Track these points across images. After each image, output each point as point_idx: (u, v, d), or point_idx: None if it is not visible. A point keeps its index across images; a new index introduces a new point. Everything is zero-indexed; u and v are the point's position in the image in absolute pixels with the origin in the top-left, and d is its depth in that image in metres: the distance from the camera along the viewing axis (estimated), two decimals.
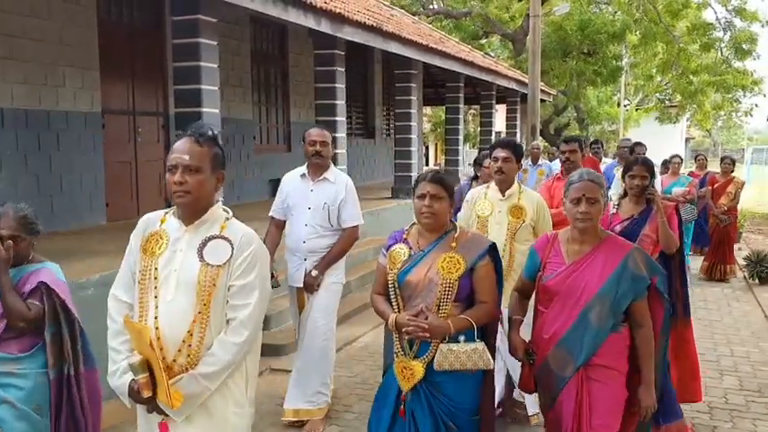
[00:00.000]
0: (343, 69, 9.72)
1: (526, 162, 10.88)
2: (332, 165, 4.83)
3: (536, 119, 13.27)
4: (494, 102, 16.99)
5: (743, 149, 52.76)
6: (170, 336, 2.38)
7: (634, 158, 4.50)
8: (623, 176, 4.43)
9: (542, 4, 16.17)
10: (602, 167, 9.32)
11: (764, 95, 26.10)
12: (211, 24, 7.05)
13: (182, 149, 2.47)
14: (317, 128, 4.80)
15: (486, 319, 3.02)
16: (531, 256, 3.24)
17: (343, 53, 9.62)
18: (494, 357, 3.05)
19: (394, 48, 10.65)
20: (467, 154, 22.10)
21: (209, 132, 2.53)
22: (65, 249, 6.06)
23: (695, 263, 10.16)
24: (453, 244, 2.99)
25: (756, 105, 39.50)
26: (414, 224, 3.16)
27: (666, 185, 9.57)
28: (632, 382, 3.07)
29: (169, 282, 2.42)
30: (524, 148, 11.90)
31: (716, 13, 23.36)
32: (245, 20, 10.58)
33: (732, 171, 10.31)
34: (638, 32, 21.97)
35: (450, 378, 2.93)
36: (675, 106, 29.75)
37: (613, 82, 24.61)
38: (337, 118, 9.63)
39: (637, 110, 32.04)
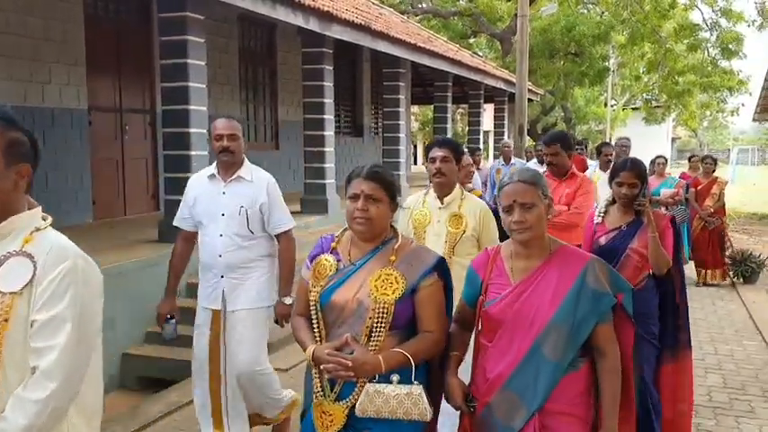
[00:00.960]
0: (332, 68, 9.72)
1: (498, 162, 10.67)
2: (246, 161, 4.05)
3: (523, 118, 13.31)
4: (482, 101, 17.05)
5: (728, 149, 53.21)
6: None
7: (622, 162, 3.85)
8: (610, 182, 3.86)
9: (530, 4, 16.22)
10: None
11: (750, 94, 26.36)
12: (199, 22, 7.03)
13: None
14: (224, 118, 3.98)
15: (429, 353, 2.43)
16: (470, 277, 2.59)
17: (331, 51, 9.62)
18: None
19: (382, 47, 10.66)
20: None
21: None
22: None
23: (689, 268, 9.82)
24: (392, 257, 2.42)
25: (743, 105, 39.94)
26: (346, 229, 2.56)
27: (654, 187, 9.31)
28: None
29: None
30: (512, 147, 11.94)
31: (702, 13, 23.53)
32: (234, 17, 10.55)
33: (714, 171, 9.87)
34: (625, 33, 22.10)
35: (381, 427, 2.34)
36: (661, 106, 29.95)
37: (600, 82, 24.73)
38: (325, 116, 9.63)
39: (624, 109, 32.22)
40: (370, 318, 2.34)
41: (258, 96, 11.92)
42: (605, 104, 30.40)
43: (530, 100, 17.05)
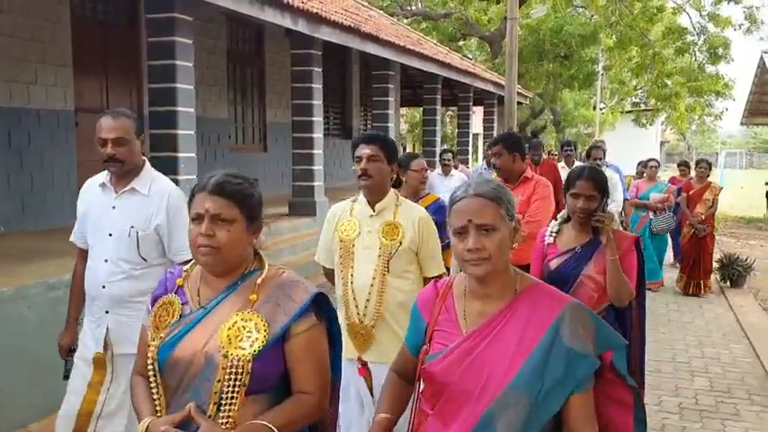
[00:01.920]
0: (320, 69, 9.70)
1: (482, 166, 10.22)
2: (148, 167, 3.26)
3: (513, 121, 13.32)
4: (471, 104, 17.08)
5: (717, 153, 53.56)
6: None
7: (578, 170, 3.26)
8: (564, 194, 3.29)
9: (520, 7, 16.26)
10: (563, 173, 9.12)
11: (734, 100, 26.58)
12: (187, 23, 7.00)
13: None
14: (110, 116, 3.14)
15: (304, 421, 1.90)
16: (414, 318, 2.01)
17: (320, 53, 9.60)
18: None
19: (371, 49, 10.65)
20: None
21: None
22: (36, 249, 5.97)
23: (672, 273, 9.81)
24: (253, 296, 1.86)
25: (726, 109, 40.34)
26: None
27: (643, 191, 9.26)
28: None
29: None
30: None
31: (690, 18, 23.70)
32: (221, 18, 10.51)
33: (708, 176, 9.32)
34: (613, 36, 22.21)
35: None
36: (650, 110, 30.12)
37: (589, 85, 24.86)
38: (314, 118, 9.61)
39: (612, 113, 32.38)
40: (219, 380, 1.78)
41: (246, 98, 11.88)
42: (594, 108, 30.54)
43: (519, 103, 17.10)
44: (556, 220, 3.41)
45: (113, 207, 3.15)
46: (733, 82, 24.14)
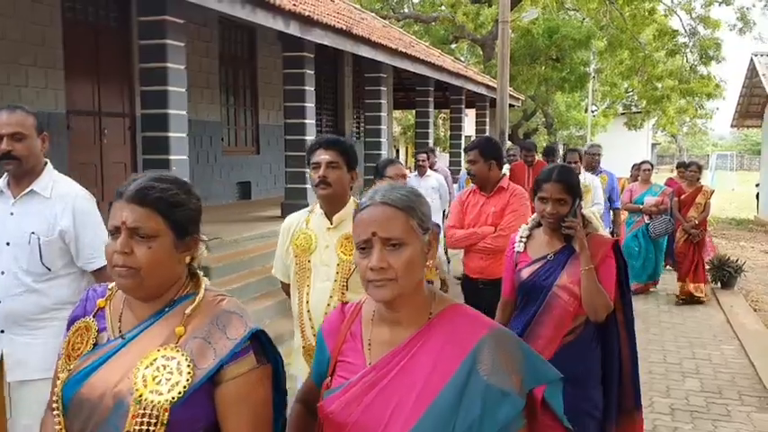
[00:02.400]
0: (313, 72, 9.71)
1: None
2: (49, 169, 2.93)
3: (505, 123, 13.36)
4: (463, 106, 17.10)
5: (708, 155, 53.83)
6: None
7: (547, 171, 2.95)
8: (533, 198, 3.01)
9: (511, 10, 16.32)
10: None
11: (724, 98, 26.81)
12: (179, 25, 6.99)
13: None
14: (6, 110, 2.82)
15: None
16: (318, 346, 1.72)
17: (312, 56, 9.60)
18: None
19: (364, 51, 10.66)
20: (437, 158, 22.21)
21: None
22: None
23: (671, 277, 9.40)
24: (180, 328, 1.53)
25: (718, 108, 40.66)
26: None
27: (637, 195, 9.07)
28: None
29: None
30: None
31: (681, 20, 23.80)
32: (214, 21, 10.51)
33: (699, 179, 9.01)
34: (604, 39, 22.30)
35: None
36: (641, 112, 30.25)
37: (581, 88, 24.94)
38: (306, 120, 9.61)
39: (604, 115, 32.50)
40: (128, 431, 1.44)
41: (239, 100, 11.88)
42: (586, 110, 30.64)
43: (511, 105, 17.14)
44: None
45: (11, 213, 2.80)
46: (724, 82, 24.31)
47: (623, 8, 21.57)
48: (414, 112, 17.18)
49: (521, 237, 3.04)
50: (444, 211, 8.31)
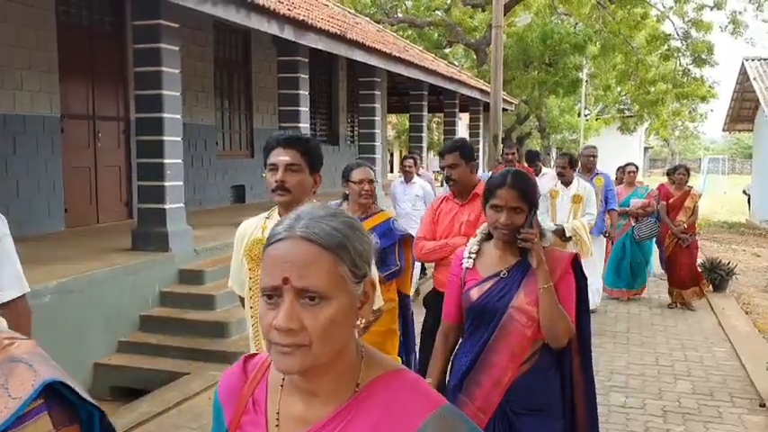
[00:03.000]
0: (307, 76, 9.74)
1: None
2: None
3: (498, 127, 13.41)
4: (457, 110, 17.17)
5: (700, 159, 54.10)
6: None
7: (499, 177, 2.54)
8: (484, 205, 2.57)
9: (505, 14, 16.40)
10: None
11: (718, 98, 27.04)
12: (173, 29, 7.01)
13: None
14: None
15: None
16: (215, 414, 1.31)
17: (306, 60, 9.63)
18: None
19: (358, 55, 10.70)
20: (431, 162, 22.27)
21: None
22: (21, 256, 5.94)
23: (658, 286, 9.40)
24: None
25: (712, 110, 40.95)
26: None
27: (623, 197, 8.84)
28: None
29: None
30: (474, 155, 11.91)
31: (673, 24, 23.93)
32: (208, 25, 10.53)
33: (687, 182, 8.70)
34: (597, 44, 22.42)
35: None
36: (634, 116, 30.41)
37: (574, 92, 25.06)
38: (300, 124, 9.64)
39: (597, 119, 32.64)
40: None
41: (233, 104, 11.90)
42: (579, 114, 30.78)
43: (504, 109, 17.20)
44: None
45: None
46: (717, 84, 24.50)
47: (615, 13, 21.70)
48: (408, 115, 17.23)
49: (470, 251, 2.61)
50: None
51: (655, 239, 9.03)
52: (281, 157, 2.58)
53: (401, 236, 3.96)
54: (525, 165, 8.84)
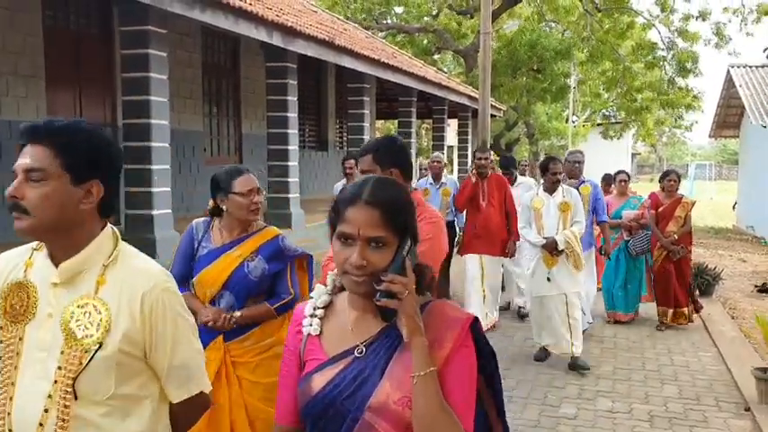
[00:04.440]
0: (295, 82, 9.75)
1: (426, 180, 8.68)
2: None
3: (486, 133, 13.43)
4: (446, 116, 17.22)
5: (687, 165, 54.48)
6: None
7: (353, 188, 1.59)
8: (331, 236, 1.59)
9: (493, 21, 16.48)
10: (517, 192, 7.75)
11: (702, 111, 27.22)
12: (161, 35, 7.00)
13: None
14: None
15: None
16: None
17: (295, 66, 9.64)
18: None
19: (347, 62, 10.72)
20: (419, 167, 22.32)
21: None
22: None
23: (647, 307, 8.46)
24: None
25: (696, 122, 41.24)
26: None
27: (615, 208, 8.22)
28: None
29: None
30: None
31: (660, 33, 24.12)
32: (197, 31, 10.51)
33: (677, 189, 8.10)
34: (585, 51, 22.55)
35: None
36: (620, 122, 30.60)
37: (562, 98, 25.17)
38: (289, 130, 9.65)
39: (583, 125, 32.81)
40: None
41: (221, 110, 11.88)
42: (567, 120, 30.93)
43: (493, 116, 17.27)
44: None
45: None
46: (702, 94, 24.68)
47: (603, 21, 21.84)
48: (396, 122, 17.27)
49: (313, 309, 1.68)
50: None
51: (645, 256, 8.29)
52: (22, 160, 1.71)
53: (294, 256, 3.36)
54: (500, 172, 8.27)
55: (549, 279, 6.31)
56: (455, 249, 8.14)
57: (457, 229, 8.48)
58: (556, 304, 6.32)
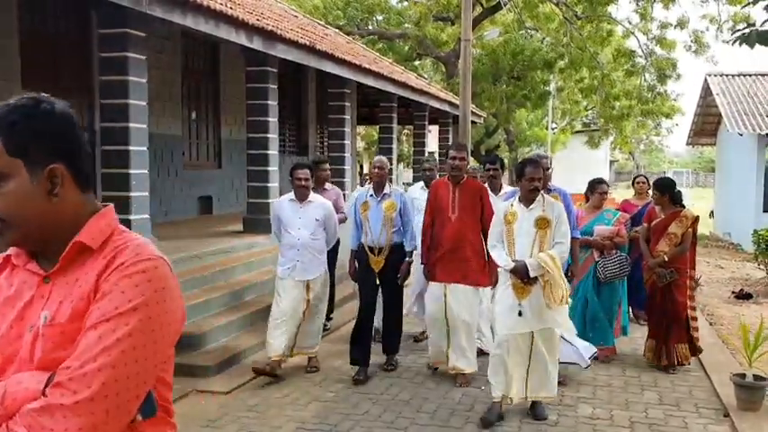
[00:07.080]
0: (276, 87, 9.70)
1: (367, 189, 6.64)
2: None
3: (467, 140, 13.49)
4: (427, 122, 17.26)
5: (664, 172, 55.09)
6: None
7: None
8: None
9: (474, 29, 16.55)
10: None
11: (683, 114, 27.66)
12: (140, 38, 6.93)
13: None
14: None
15: None
16: None
17: (275, 70, 9.60)
18: None
19: (328, 67, 10.69)
20: (401, 173, 22.36)
21: None
22: None
23: (636, 333, 7.55)
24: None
25: (677, 124, 41.86)
26: None
27: (585, 223, 6.66)
28: None
29: None
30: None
31: (638, 41, 24.38)
32: (176, 34, 10.43)
33: (648, 191, 7.30)
34: (565, 58, 22.73)
35: None
36: (599, 130, 30.88)
37: (542, 106, 25.38)
38: (269, 135, 9.59)
39: (563, 132, 33.07)
40: None
41: (201, 114, 11.79)
42: (546, 127, 31.14)
43: (473, 122, 17.33)
44: None
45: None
46: (679, 98, 25.08)
47: (582, 29, 22.03)
48: (377, 127, 17.28)
49: None
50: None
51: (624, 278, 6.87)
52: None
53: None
54: (479, 175, 7.71)
55: (520, 313, 4.96)
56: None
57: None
58: (519, 345, 5.06)
